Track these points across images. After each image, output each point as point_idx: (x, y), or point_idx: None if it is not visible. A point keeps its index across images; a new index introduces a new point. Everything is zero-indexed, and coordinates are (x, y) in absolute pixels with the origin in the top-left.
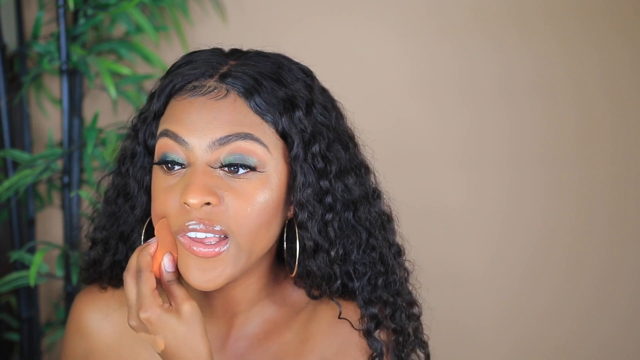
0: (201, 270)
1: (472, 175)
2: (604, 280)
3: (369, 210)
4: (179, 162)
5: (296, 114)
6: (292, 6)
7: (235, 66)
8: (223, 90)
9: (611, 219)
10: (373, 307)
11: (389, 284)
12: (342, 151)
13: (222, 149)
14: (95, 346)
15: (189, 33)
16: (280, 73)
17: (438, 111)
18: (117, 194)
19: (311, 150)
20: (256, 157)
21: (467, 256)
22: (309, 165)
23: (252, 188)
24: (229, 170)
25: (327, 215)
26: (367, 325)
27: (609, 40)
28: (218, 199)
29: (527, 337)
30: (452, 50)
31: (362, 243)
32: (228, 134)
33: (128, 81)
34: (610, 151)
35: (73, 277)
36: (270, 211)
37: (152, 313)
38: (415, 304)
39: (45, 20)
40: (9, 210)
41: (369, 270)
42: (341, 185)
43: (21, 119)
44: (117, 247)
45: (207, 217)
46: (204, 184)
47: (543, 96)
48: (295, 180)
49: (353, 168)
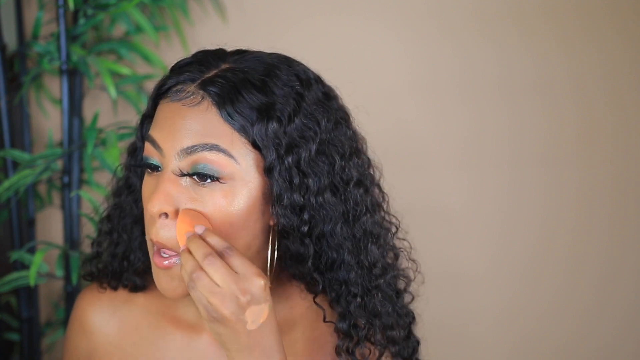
0: (163, 280)
1: (472, 175)
2: (604, 280)
3: (355, 227)
4: (157, 166)
5: (271, 124)
6: (292, 6)
7: (224, 71)
8: (198, 97)
9: (611, 219)
10: (343, 322)
11: (364, 305)
12: (327, 165)
13: (189, 158)
14: (99, 344)
15: (189, 33)
16: (267, 80)
17: (438, 111)
18: (121, 188)
19: (286, 162)
20: (221, 168)
21: (467, 256)
22: (284, 178)
23: (213, 200)
24: (197, 178)
25: (303, 228)
26: (340, 340)
27: (609, 40)
28: (174, 212)
29: (527, 337)
30: (452, 50)
31: (339, 261)
32: (194, 144)
33: (128, 81)
34: (610, 151)
35: (73, 277)
36: (232, 223)
37: (265, 278)
38: (397, 327)
39: (45, 20)
40: (9, 210)
41: (343, 290)
42: (320, 200)
43: (21, 119)
44: (120, 239)
45: (161, 239)
46: (167, 193)
47: (543, 96)
48: (272, 192)
49: (340, 182)
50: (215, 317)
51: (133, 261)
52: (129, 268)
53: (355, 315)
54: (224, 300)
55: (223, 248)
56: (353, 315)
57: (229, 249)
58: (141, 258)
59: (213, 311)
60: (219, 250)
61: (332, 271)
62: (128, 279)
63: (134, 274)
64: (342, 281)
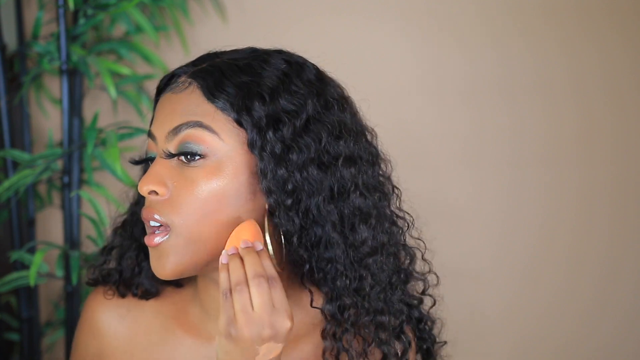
0: (154, 259)
1: (472, 174)
2: (604, 280)
3: (342, 204)
4: (153, 157)
5: (254, 102)
6: (292, 6)
7: (215, 62)
8: (186, 84)
9: (611, 219)
10: (330, 304)
11: (349, 284)
12: (314, 142)
13: (175, 138)
14: (108, 347)
15: (189, 33)
16: (252, 63)
17: (438, 111)
18: (136, 193)
19: (268, 136)
20: (204, 144)
21: (467, 256)
22: (267, 152)
23: (200, 176)
24: (185, 159)
25: (287, 201)
26: (327, 322)
27: (609, 40)
28: (164, 189)
29: (527, 336)
30: (452, 50)
31: (325, 237)
32: (179, 123)
33: (128, 81)
34: (610, 151)
35: (73, 277)
36: (220, 199)
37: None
38: (389, 313)
39: (45, 20)
40: (9, 210)
41: (330, 268)
42: (305, 174)
43: (21, 119)
44: (130, 247)
45: (153, 207)
46: (156, 174)
47: (543, 96)
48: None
49: (328, 158)
50: (232, 334)
51: (145, 267)
52: (142, 273)
53: (341, 293)
54: (250, 323)
55: (272, 276)
56: (339, 294)
57: (276, 280)
58: None
59: (234, 327)
60: (268, 276)
61: (319, 249)
62: (139, 284)
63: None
64: (327, 259)
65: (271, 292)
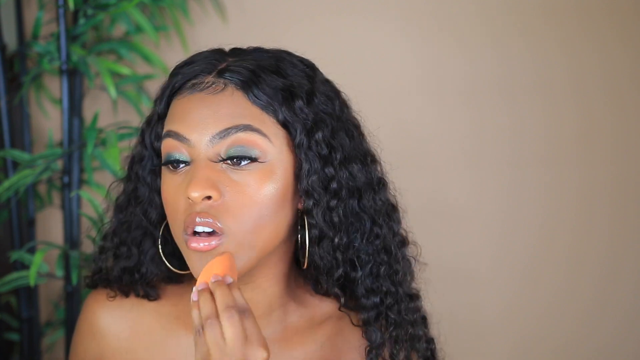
0: (201, 265)
1: (472, 174)
2: (604, 280)
3: (373, 198)
4: (183, 160)
5: (296, 103)
6: (292, 6)
7: (234, 61)
8: (221, 85)
9: (611, 219)
10: (374, 296)
11: (392, 273)
12: (347, 139)
13: (223, 142)
14: (109, 348)
15: (189, 33)
16: (279, 65)
17: (439, 111)
18: (127, 200)
19: (314, 137)
20: (257, 148)
21: (467, 256)
22: (314, 152)
23: (254, 180)
24: (231, 162)
25: (332, 202)
26: (368, 314)
27: (609, 40)
28: (219, 193)
29: (527, 336)
30: (453, 50)
31: (366, 231)
32: (227, 126)
33: (128, 81)
34: (610, 151)
35: (73, 277)
36: (275, 202)
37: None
38: (417, 296)
39: (45, 20)
40: (9, 210)
41: (372, 259)
42: (346, 172)
43: (21, 119)
44: (129, 253)
45: (206, 211)
46: (206, 178)
47: (543, 96)
48: (301, 169)
49: (358, 156)
50: None
51: (145, 274)
52: (141, 281)
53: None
54: (224, 357)
55: (243, 307)
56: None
57: (248, 311)
58: (154, 271)
59: None
60: (240, 307)
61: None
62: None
63: (147, 286)
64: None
65: (244, 323)
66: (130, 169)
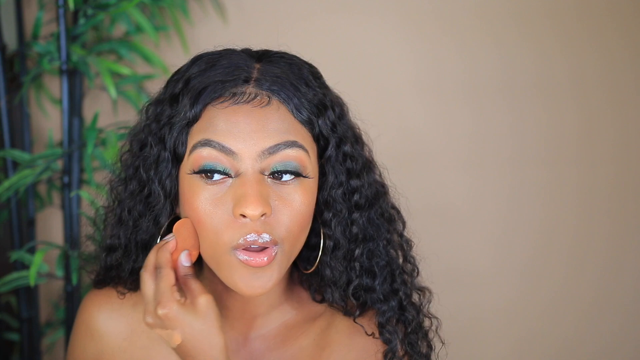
0: (253, 278)
1: (473, 174)
2: (604, 280)
3: (383, 204)
4: (221, 171)
5: (329, 115)
6: (292, 6)
7: (264, 71)
8: (265, 98)
9: (611, 219)
10: (393, 299)
11: (404, 274)
12: (360, 147)
13: (272, 158)
14: (107, 347)
15: (189, 33)
16: (308, 77)
17: (440, 111)
18: (136, 201)
19: (342, 150)
20: (302, 164)
21: (468, 255)
22: (340, 164)
23: (298, 194)
24: (274, 177)
25: (354, 214)
26: (385, 317)
27: (609, 40)
28: (271, 209)
29: (528, 336)
30: (454, 50)
31: (382, 238)
32: (277, 142)
33: (128, 81)
34: (610, 151)
35: (73, 277)
36: (310, 213)
37: (169, 308)
38: (426, 290)
39: (45, 20)
40: (9, 210)
41: (388, 264)
42: (366, 183)
43: (21, 119)
44: (138, 253)
45: (262, 229)
46: (260, 194)
47: (544, 96)
48: (325, 180)
49: (367, 164)
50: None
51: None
52: None
53: (399, 288)
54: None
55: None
56: (398, 288)
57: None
58: None
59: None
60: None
61: (377, 250)
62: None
63: None
64: (387, 257)
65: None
66: (136, 168)
